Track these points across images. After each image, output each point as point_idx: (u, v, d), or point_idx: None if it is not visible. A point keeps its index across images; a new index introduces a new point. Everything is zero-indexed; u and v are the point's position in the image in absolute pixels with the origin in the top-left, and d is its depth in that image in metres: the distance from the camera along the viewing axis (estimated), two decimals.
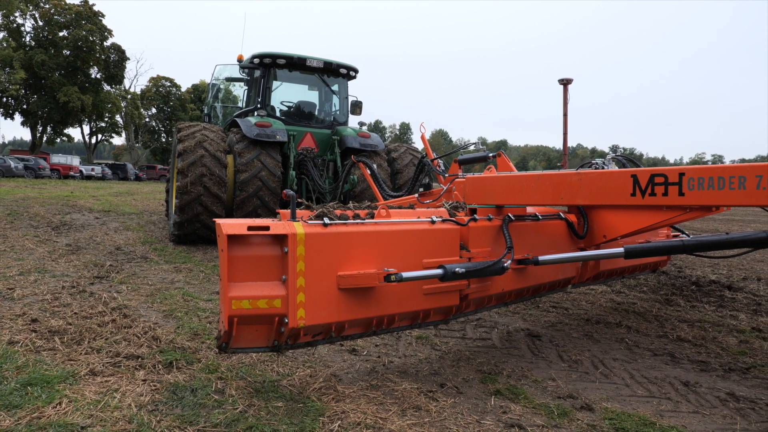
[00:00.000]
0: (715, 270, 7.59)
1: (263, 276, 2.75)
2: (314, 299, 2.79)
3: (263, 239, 2.76)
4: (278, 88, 9.64)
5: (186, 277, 5.99)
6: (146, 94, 62.30)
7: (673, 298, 5.77)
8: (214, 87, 11.89)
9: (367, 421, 2.64)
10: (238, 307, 2.64)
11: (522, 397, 3.07)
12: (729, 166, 2.79)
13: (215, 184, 7.95)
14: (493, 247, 3.54)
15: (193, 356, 3.46)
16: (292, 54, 9.25)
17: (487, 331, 4.44)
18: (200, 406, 2.75)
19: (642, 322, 4.79)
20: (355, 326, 3.07)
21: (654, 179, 3.04)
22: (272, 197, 8.14)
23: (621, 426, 2.74)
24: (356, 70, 9.95)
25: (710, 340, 4.28)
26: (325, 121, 9.90)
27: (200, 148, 8.05)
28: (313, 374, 3.27)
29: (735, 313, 5.17)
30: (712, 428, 2.77)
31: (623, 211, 3.94)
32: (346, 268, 2.90)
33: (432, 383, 3.23)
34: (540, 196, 3.56)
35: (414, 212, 3.48)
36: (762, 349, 4.12)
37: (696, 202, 2.93)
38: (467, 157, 5.64)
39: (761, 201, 2.68)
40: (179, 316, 4.41)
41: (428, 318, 3.38)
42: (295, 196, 2.87)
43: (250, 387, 3.01)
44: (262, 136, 8.18)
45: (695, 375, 3.54)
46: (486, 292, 3.57)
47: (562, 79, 5.49)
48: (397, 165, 9.63)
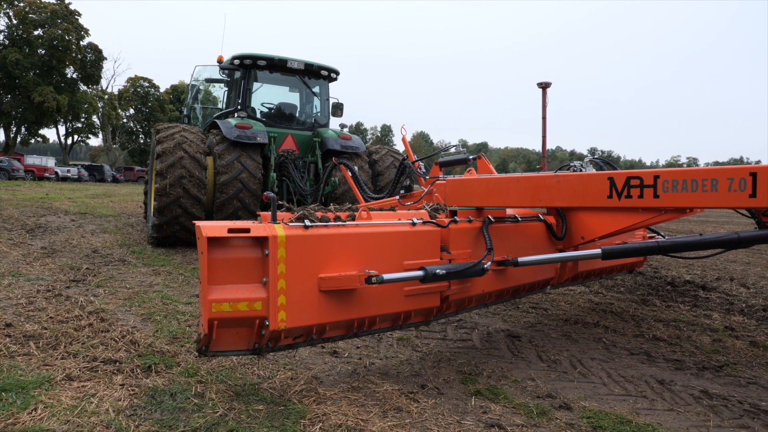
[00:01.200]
0: (689, 270, 7.75)
1: (244, 278, 2.74)
2: (295, 301, 2.78)
3: (243, 241, 2.74)
4: (259, 90, 9.59)
5: (165, 280, 5.92)
6: (124, 94, 61.36)
7: (649, 298, 5.88)
8: (194, 88, 11.77)
9: (348, 423, 2.64)
10: (218, 309, 2.63)
11: (502, 397, 3.10)
12: (701, 169, 2.86)
13: (195, 186, 7.87)
14: (473, 249, 3.57)
15: (172, 360, 3.42)
16: (273, 55, 9.21)
17: (467, 332, 4.47)
18: (179, 411, 2.73)
19: (619, 322, 4.87)
20: (337, 328, 3.07)
21: (630, 182, 3.11)
22: (253, 199, 8.09)
23: (598, 424, 2.78)
24: (337, 72, 9.94)
25: (685, 339, 4.38)
26: (306, 123, 9.88)
27: (179, 150, 7.97)
28: (294, 377, 3.26)
29: (709, 313, 5.29)
30: (686, 425, 2.84)
31: (600, 213, 4.00)
32: (327, 270, 2.90)
33: (413, 384, 3.24)
34: (519, 198, 3.61)
35: (395, 214, 3.49)
36: (734, 347, 4.22)
37: (670, 204, 3.00)
38: (448, 159, 5.68)
39: (732, 203, 2.76)
40: (158, 319, 4.36)
41: (409, 319, 3.40)
42: (276, 198, 2.87)
43: (230, 390, 2.99)
44: (243, 138, 8.13)
45: (670, 373, 3.62)
46: (466, 294, 3.60)
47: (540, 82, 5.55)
48: (378, 167, 9.65)
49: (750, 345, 4.27)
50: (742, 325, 4.86)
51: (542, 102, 5.56)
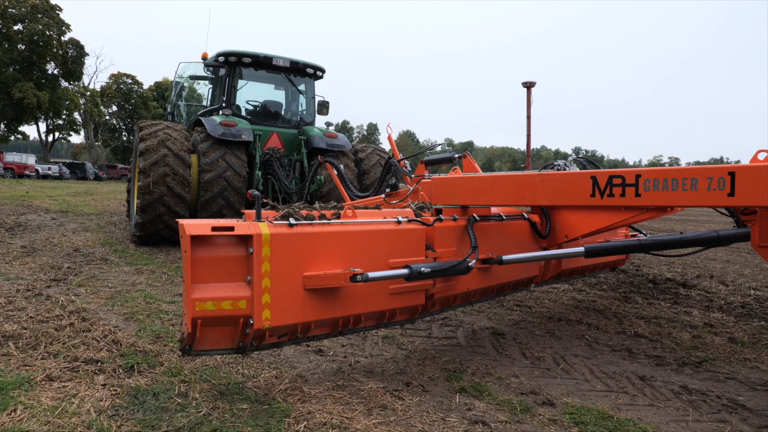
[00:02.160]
0: (670, 268, 7.86)
1: (228, 277, 2.72)
2: (280, 300, 2.78)
3: (228, 240, 2.73)
4: (244, 87, 9.53)
5: (148, 279, 5.86)
6: (106, 91, 60.55)
7: (631, 295, 5.95)
8: (178, 85, 11.66)
9: (333, 421, 2.64)
10: (202, 308, 2.61)
11: (486, 394, 3.12)
12: (682, 168, 2.90)
13: (179, 184, 7.80)
14: (458, 247, 3.59)
15: (155, 359, 3.39)
16: (258, 53, 9.15)
17: (452, 329, 4.49)
18: (162, 410, 2.71)
19: (602, 319, 4.93)
20: (322, 327, 3.07)
21: (612, 180, 3.14)
22: (237, 197, 8.04)
23: (580, 420, 2.82)
24: (323, 69, 9.91)
25: (665, 336, 4.44)
26: (291, 121, 9.84)
27: (163, 147, 7.90)
28: (279, 375, 3.25)
29: (689, 310, 5.37)
30: (666, 420, 2.88)
31: (583, 212, 4.05)
32: (312, 268, 2.90)
33: (398, 382, 3.25)
34: (504, 196, 3.63)
35: (380, 212, 3.49)
36: (713, 343, 4.29)
37: (651, 203, 3.04)
38: (433, 158, 5.69)
39: (711, 202, 2.80)
40: (141, 318, 4.32)
41: (394, 317, 3.41)
42: (261, 196, 2.86)
43: (214, 389, 2.98)
44: (228, 136, 8.07)
45: (651, 369, 3.67)
46: (451, 292, 3.61)
47: (525, 82, 5.59)
48: (364, 165, 9.65)
49: (728, 341, 4.35)
50: (721, 322, 4.95)
51: (527, 101, 5.60)
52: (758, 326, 4.81)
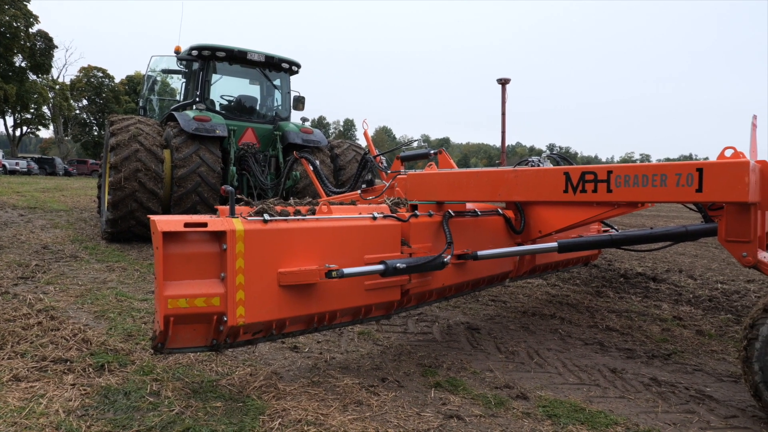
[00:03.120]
0: (641, 263, 8.03)
1: (201, 274, 2.68)
2: (254, 297, 2.75)
3: (201, 236, 2.69)
4: (218, 82, 9.40)
5: (119, 277, 5.75)
6: (76, 84, 59.00)
7: (603, 289, 6.06)
8: (150, 79, 11.44)
9: (308, 418, 2.63)
10: (175, 306, 2.57)
11: (461, 388, 3.15)
12: (652, 164, 2.96)
13: (151, 180, 7.67)
14: (433, 243, 3.60)
15: (127, 358, 3.33)
16: (233, 47, 9.03)
17: (428, 325, 4.51)
18: (134, 410, 2.66)
19: (575, 314, 5.01)
20: (297, 323, 3.05)
21: (585, 176, 3.19)
22: (212, 193, 7.94)
23: (553, 413, 2.86)
24: (299, 65, 9.84)
25: (636, 329, 4.54)
26: (266, 116, 9.74)
27: (135, 142, 7.75)
28: (254, 373, 3.23)
29: (658, 303, 5.49)
30: (636, 412, 2.94)
31: (557, 207, 4.11)
32: (286, 264, 2.87)
33: (373, 378, 3.25)
34: (479, 192, 3.65)
35: (355, 208, 3.48)
36: (682, 336, 4.40)
37: (623, 199, 3.09)
38: (409, 154, 5.70)
39: (680, 197, 2.87)
40: (112, 317, 4.23)
41: (370, 313, 3.41)
42: (234, 192, 2.82)
43: (187, 388, 2.94)
44: (201, 131, 7.96)
45: (622, 362, 3.74)
46: (427, 287, 3.63)
47: (500, 78, 5.63)
48: (340, 161, 9.62)
49: (696, 334, 4.46)
50: (690, 315, 5.07)
51: (501, 98, 5.65)
52: (725, 319, 4.94)
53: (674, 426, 2.77)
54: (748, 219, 2.90)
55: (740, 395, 3.18)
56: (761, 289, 6.23)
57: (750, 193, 2.66)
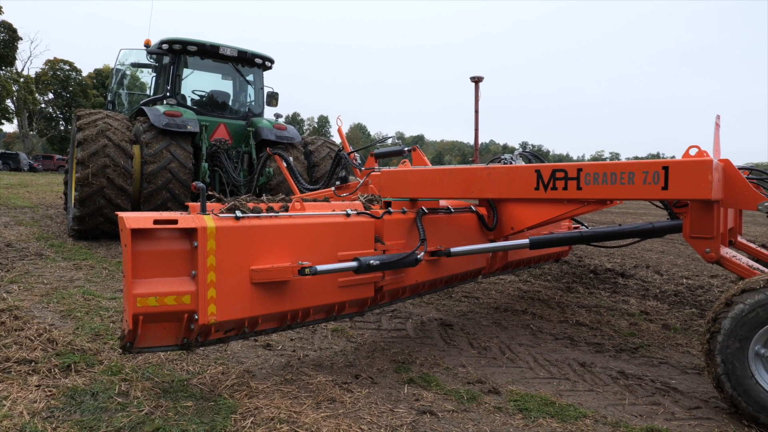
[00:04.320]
0: (610, 259, 8.20)
1: (171, 272, 2.64)
2: (226, 294, 2.72)
3: (171, 233, 2.65)
4: (189, 76, 9.25)
5: (87, 275, 5.62)
6: (42, 77, 57.32)
7: (573, 285, 6.17)
8: (119, 72, 11.18)
9: (280, 416, 2.61)
10: (144, 304, 2.53)
11: (434, 384, 3.17)
12: (620, 162, 3.02)
13: (120, 176, 7.51)
14: (407, 240, 3.62)
15: (94, 358, 3.26)
16: (204, 41, 8.89)
17: (401, 321, 4.53)
18: (101, 411, 2.60)
19: (546, 309, 5.09)
20: (270, 321, 3.03)
21: (555, 174, 3.24)
22: (183, 190, 7.82)
23: (524, 407, 2.90)
24: (272, 60, 9.74)
25: (605, 324, 4.63)
26: (239, 112, 9.63)
27: (102, 137, 7.57)
28: (226, 371, 3.19)
29: (627, 298, 5.62)
30: (604, 404, 3.01)
31: (529, 205, 4.16)
32: (259, 262, 2.85)
33: (347, 375, 3.25)
34: (452, 189, 3.68)
35: (329, 205, 3.48)
36: (648, 330, 4.51)
37: (592, 196, 3.15)
38: (383, 150, 5.70)
39: (647, 195, 2.93)
40: (79, 316, 4.13)
41: (344, 310, 3.40)
42: (205, 189, 2.78)
43: (157, 387, 2.89)
44: (172, 126, 7.82)
45: (591, 356, 3.82)
46: (400, 284, 3.64)
47: (473, 76, 5.67)
48: (314, 158, 9.56)
49: (662, 328, 4.58)
50: (656, 310, 5.20)
51: (475, 95, 5.69)
52: (689, 313, 5.09)
53: (641, 418, 2.84)
54: (711, 216, 2.99)
55: (703, 387, 3.28)
56: (724, 284, 6.43)
57: (713, 190, 2.74)
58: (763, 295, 2.64)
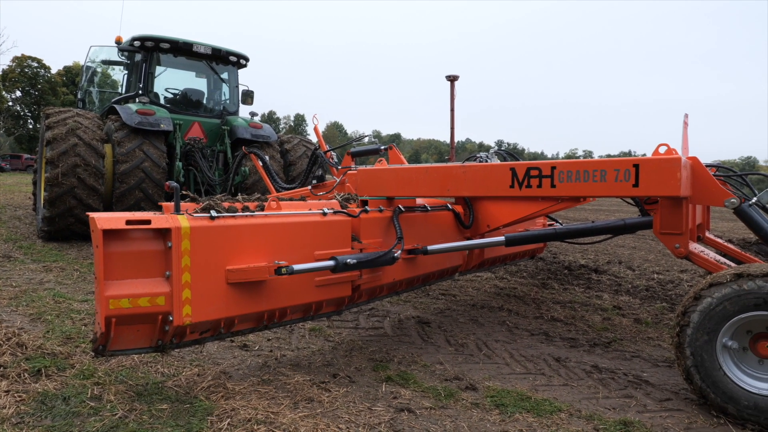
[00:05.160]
0: (584, 255, 8.33)
1: (145, 273, 2.60)
2: (201, 295, 2.69)
3: (144, 234, 2.61)
4: (162, 74, 9.10)
5: (57, 277, 5.49)
6: (9, 74, 55.74)
7: (548, 281, 6.26)
8: (89, 70, 10.94)
9: (258, 417, 2.60)
10: (117, 306, 2.48)
11: (412, 381, 3.18)
12: (592, 160, 3.08)
13: (91, 176, 7.36)
14: (384, 238, 3.62)
15: (66, 362, 3.19)
16: (177, 38, 8.76)
17: (379, 320, 4.54)
18: (73, 415, 2.55)
19: (521, 305, 5.15)
20: (246, 321, 3.01)
21: (530, 172, 3.28)
22: (156, 190, 7.70)
23: (501, 402, 2.93)
24: (247, 58, 9.65)
25: (579, 319, 4.71)
26: (214, 111, 9.51)
27: (73, 136, 7.41)
28: (201, 373, 3.16)
29: (600, 294, 5.72)
30: (578, 398, 3.06)
31: (504, 202, 4.20)
32: (235, 262, 2.83)
33: (325, 374, 3.25)
34: (428, 188, 3.70)
35: (305, 204, 3.46)
36: (621, 325, 4.60)
37: (565, 193, 3.20)
38: (360, 149, 5.70)
39: (618, 192, 2.99)
40: (49, 319, 4.04)
41: (321, 310, 3.39)
42: (179, 188, 2.74)
43: (131, 391, 2.84)
44: (145, 125, 7.69)
45: (566, 351, 3.88)
46: (378, 282, 3.64)
47: (449, 75, 5.71)
48: (291, 157, 9.51)
49: (634, 322, 4.68)
50: (628, 304, 5.31)
51: (450, 94, 5.72)
52: (660, 307, 5.20)
53: (614, 410, 2.90)
54: (680, 212, 3.07)
55: (674, 379, 3.36)
56: (693, 278, 6.59)
57: (682, 187, 2.81)
58: (730, 288, 2.71)
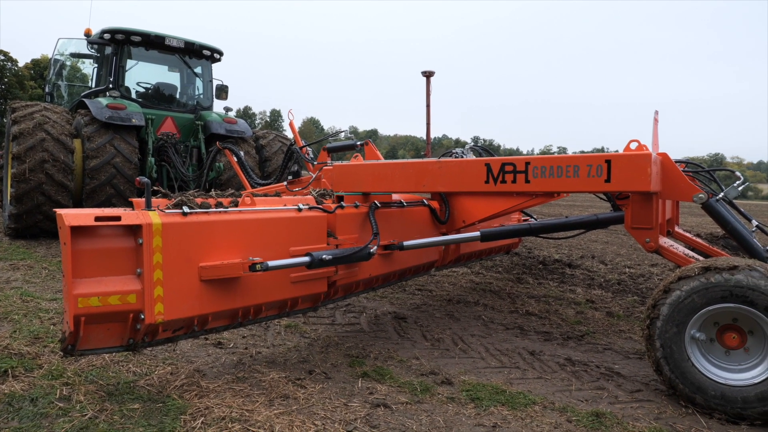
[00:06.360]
0: (558, 250, 8.45)
1: (115, 270, 2.55)
2: (174, 292, 2.65)
3: (114, 230, 2.55)
4: (133, 68, 8.91)
5: (25, 275, 5.35)
6: None
7: (523, 276, 6.33)
8: (57, 63, 10.65)
9: (232, 415, 2.57)
10: (86, 305, 2.42)
11: (388, 377, 3.19)
12: (565, 156, 3.11)
13: (59, 171, 7.18)
14: (360, 234, 3.61)
15: (34, 362, 3.11)
16: (149, 31, 8.59)
17: (355, 316, 4.53)
18: (41, 417, 2.49)
19: (497, 300, 5.20)
20: (220, 318, 2.97)
21: (504, 168, 3.30)
22: (128, 186, 7.56)
23: (476, 396, 2.96)
24: (221, 52, 9.51)
25: (553, 313, 4.78)
26: (187, 105, 9.36)
27: (40, 131, 7.22)
28: (175, 371, 3.11)
29: (573, 288, 5.81)
30: (552, 391, 3.10)
31: (479, 198, 4.24)
32: (208, 258, 2.79)
33: (300, 371, 3.23)
34: (404, 183, 3.70)
35: (280, 200, 3.43)
36: (594, 318, 4.68)
37: (540, 189, 3.23)
38: (336, 145, 5.68)
39: (591, 187, 3.04)
40: (16, 318, 3.93)
41: (296, 306, 3.37)
42: (150, 184, 2.69)
43: (101, 391, 2.79)
44: (116, 119, 7.53)
45: (540, 344, 3.93)
46: (354, 278, 3.64)
47: (425, 71, 5.71)
48: (266, 152, 9.43)
49: (606, 315, 4.76)
50: (601, 298, 5.40)
51: (426, 90, 5.73)
52: (631, 301, 5.31)
53: (586, 402, 2.95)
54: (651, 207, 3.12)
55: (644, 371, 3.43)
56: (663, 272, 6.74)
57: (652, 183, 2.87)
58: (698, 282, 2.78)
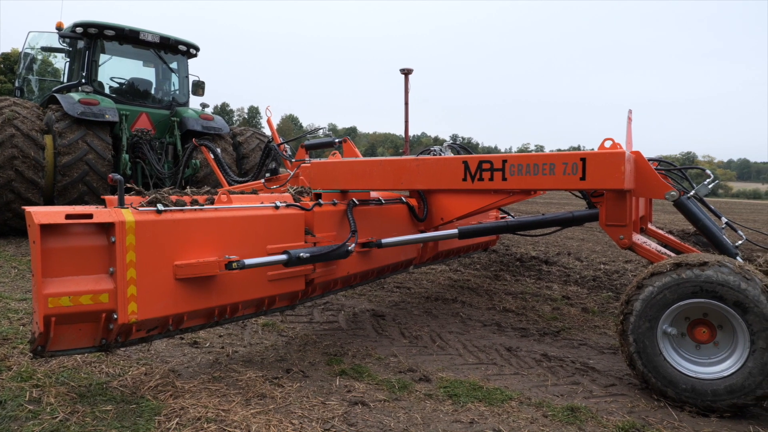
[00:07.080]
0: (535, 247, 8.54)
1: (86, 269, 2.49)
2: (148, 291, 2.60)
3: (86, 228, 2.49)
4: (107, 63, 8.73)
5: None
6: None
7: (501, 273, 6.39)
8: (28, 57, 10.37)
9: (208, 415, 2.54)
10: (56, 305, 2.37)
11: (366, 375, 3.18)
12: (542, 154, 3.14)
13: (30, 168, 7.00)
14: (338, 231, 3.60)
15: (2, 364, 3.03)
16: (123, 25, 8.42)
17: (334, 314, 4.52)
18: (10, 420, 2.43)
19: (475, 297, 5.24)
20: (196, 317, 2.93)
21: (482, 165, 3.32)
22: (102, 183, 7.40)
23: (454, 392, 2.97)
24: (197, 47, 9.38)
25: (530, 309, 4.83)
26: (162, 101, 9.21)
27: (9, 127, 7.03)
28: (149, 372, 3.06)
29: (550, 284, 5.88)
30: (528, 386, 3.14)
31: (457, 195, 4.26)
32: (183, 257, 2.75)
33: (278, 370, 3.21)
34: (382, 181, 3.69)
35: (257, 197, 3.40)
36: (569, 314, 4.74)
37: (517, 186, 3.26)
38: (314, 142, 5.65)
39: (567, 185, 3.07)
40: None
41: (274, 304, 3.35)
42: (123, 181, 2.64)
43: (73, 392, 2.73)
44: (88, 115, 7.37)
45: (517, 341, 3.97)
46: (332, 276, 3.62)
47: (403, 69, 5.71)
48: (243, 149, 9.33)
49: (582, 311, 4.83)
50: (576, 294, 5.48)
51: (405, 88, 5.73)
52: (606, 296, 5.39)
53: (562, 397, 2.99)
54: (624, 205, 3.17)
55: (618, 365, 3.49)
56: (637, 268, 6.86)
57: (626, 180, 2.91)
58: (670, 277, 2.83)
